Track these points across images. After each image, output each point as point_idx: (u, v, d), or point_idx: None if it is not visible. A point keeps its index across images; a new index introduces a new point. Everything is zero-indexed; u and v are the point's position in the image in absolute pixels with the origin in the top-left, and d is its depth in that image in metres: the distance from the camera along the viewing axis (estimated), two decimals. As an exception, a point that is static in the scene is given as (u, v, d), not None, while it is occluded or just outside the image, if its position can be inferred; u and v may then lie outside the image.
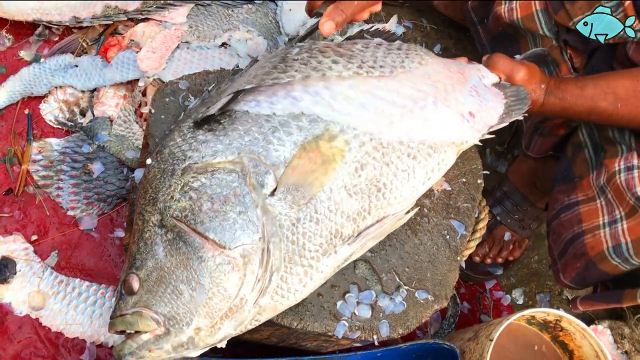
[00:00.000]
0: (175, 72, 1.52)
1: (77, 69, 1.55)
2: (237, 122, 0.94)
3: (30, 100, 1.55)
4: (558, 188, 1.24)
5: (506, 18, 1.32)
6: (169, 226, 0.88)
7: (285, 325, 1.02)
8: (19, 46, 1.62)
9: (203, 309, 0.85)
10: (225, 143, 0.92)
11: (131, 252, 0.91)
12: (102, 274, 1.41)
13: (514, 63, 1.13)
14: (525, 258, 1.67)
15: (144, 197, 0.94)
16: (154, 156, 0.98)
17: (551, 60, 1.30)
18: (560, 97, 1.12)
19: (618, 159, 1.10)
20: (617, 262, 1.09)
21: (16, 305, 1.33)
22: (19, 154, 1.48)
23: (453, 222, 1.15)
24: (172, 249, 0.87)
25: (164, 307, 0.86)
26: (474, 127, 1.05)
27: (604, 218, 1.12)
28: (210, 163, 0.91)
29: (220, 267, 0.85)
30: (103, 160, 1.48)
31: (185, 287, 0.86)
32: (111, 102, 1.53)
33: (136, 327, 0.85)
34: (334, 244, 0.92)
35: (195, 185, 0.89)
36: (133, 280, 0.88)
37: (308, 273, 0.91)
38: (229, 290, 0.86)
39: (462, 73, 1.11)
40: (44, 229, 1.43)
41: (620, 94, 1.09)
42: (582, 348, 1.28)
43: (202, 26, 1.64)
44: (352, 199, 0.93)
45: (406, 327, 1.05)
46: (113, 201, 1.47)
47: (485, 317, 1.56)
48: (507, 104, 1.10)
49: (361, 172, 0.94)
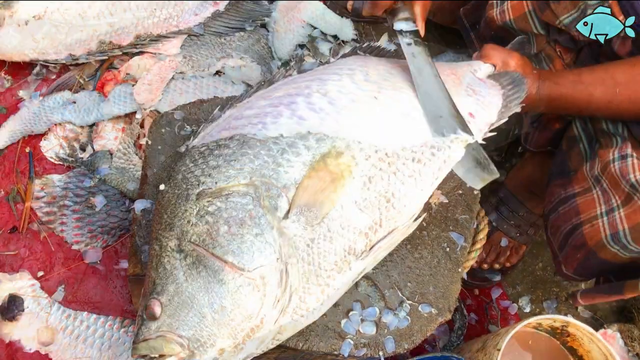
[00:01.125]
0: (171, 102, 1.55)
1: (75, 105, 1.58)
2: (245, 146, 0.96)
3: (30, 138, 1.58)
4: (554, 182, 1.24)
5: (499, 20, 1.33)
6: (187, 250, 0.90)
7: (292, 347, 1.02)
8: (18, 86, 1.65)
9: (226, 330, 0.87)
10: (236, 168, 0.94)
11: (151, 278, 0.93)
12: (109, 306, 1.42)
13: (506, 50, 1.19)
14: (530, 266, 1.67)
15: (159, 222, 0.96)
16: (168, 182, 1.00)
17: (545, 56, 1.32)
18: (555, 82, 1.14)
19: (612, 149, 1.11)
20: (616, 250, 1.09)
21: (25, 341, 1.33)
22: (22, 192, 1.50)
23: (452, 234, 1.16)
24: (192, 273, 0.89)
25: (187, 331, 0.87)
26: (475, 127, 1.07)
27: (601, 208, 1.12)
28: (224, 187, 0.93)
29: (241, 289, 0.87)
30: (105, 193, 1.49)
31: (207, 310, 0.87)
32: (110, 135, 1.56)
33: (160, 351, 0.86)
34: (347, 260, 0.94)
35: (211, 209, 0.91)
36: (155, 306, 0.89)
37: (325, 292, 0.93)
38: (250, 311, 0.87)
39: (455, 74, 1.13)
40: (50, 264, 1.44)
41: (619, 78, 1.09)
42: (591, 352, 1.27)
43: (196, 56, 1.67)
44: (363, 213, 0.95)
45: (412, 341, 1.06)
46: (116, 233, 1.48)
47: (493, 327, 1.56)
48: (505, 94, 1.12)
49: (370, 185, 0.96)
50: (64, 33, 1.60)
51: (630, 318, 1.59)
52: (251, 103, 1.08)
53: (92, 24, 1.61)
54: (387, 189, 0.97)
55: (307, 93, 1.04)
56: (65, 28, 1.59)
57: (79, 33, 1.60)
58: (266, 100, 1.06)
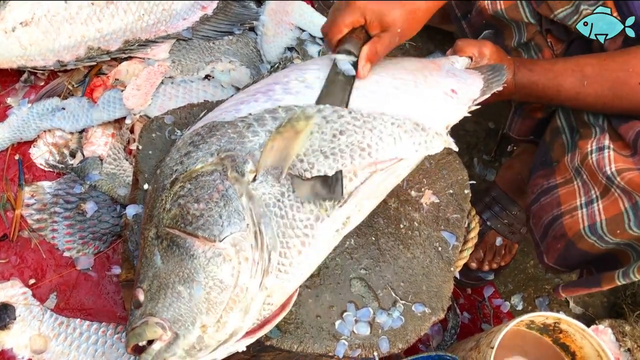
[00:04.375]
0: (161, 107, 1.55)
1: (65, 111, 1.57)
2: (214, 129, 0.97)
3: (20, 145, 1.57)
4: (537, 173, 1.25)
5: (490, 10, 1.34)
6: (163, 235, 0.90)
7: (286, 349, 1.02)
8: (6, 93, 1.64)
9: (204, 305, 0.86)
10: (204, 150, 0.95)
11: (137, 270, 0.93)
12: (102, 313, 1.41)
13: (479, 41, 1.21)
14: (522, 263, 1.68)
15: (143, 219, 0.97)
16: (151, 181, 1.01)
17: (534, 44, 1.33)
18: (530, 68, 1.17)
19: (591, 140, 1.12)
20: (593, 240, 1.10)
21: (18, 350, 1.32)
22: (11, 200, 1.49)
23: (444, 234, 1.17)
24: (168, 255, 0.89)
25: (167, 312, 0.86)
26: (459, 102, 1.07)
27: (581, 199, 1.13)
28: (193, 170, 0.93)
29: (212, 260, 0.87)
30: (96, 200, 1.49)
31: (183, 288, 0.87)
32: (100, 141, 1.55)
33: (145, 336, 0.86)
34: (324, 207, 0.93)
35: (183, 192, 0.92)
36: (139, 294, 0.89)
37: (305, 242, 0.92)
38: (225, 282, 0.86)
39: (434, 63, 1.15)
40: (42, 271, 1.43)
41: (587, 72, 1.12)
42: (584, 349, 1.29)
43: (185, 60, 1.67)
44: (329, 159, 0.93)
45: (406, 341, 1.06)
46: (108, 239, 1.48)
47: (486, 326, 1.57)
48: (486, 78, 1.13)
49: (340, 136, 0.95)
50: (52, 39, 1.59)
51: (621, 314, 1.60)
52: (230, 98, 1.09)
53: (80, 29, 1.60)
54: (361, 140, 0.95)
55: (285, 81, 1.04)
56: (53, 34, 1.59)
57: (67, 39, 1.60)
58: (244, 93, 1.07)
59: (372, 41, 1.03)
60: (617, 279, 1.07)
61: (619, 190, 1.05)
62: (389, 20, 1.01)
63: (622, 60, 1.10)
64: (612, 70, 1.10)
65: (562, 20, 1.21)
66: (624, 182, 1.03)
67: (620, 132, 1.09)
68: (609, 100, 1.11)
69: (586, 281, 1.17)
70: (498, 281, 1.64)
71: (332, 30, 1.04)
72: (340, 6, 1.03)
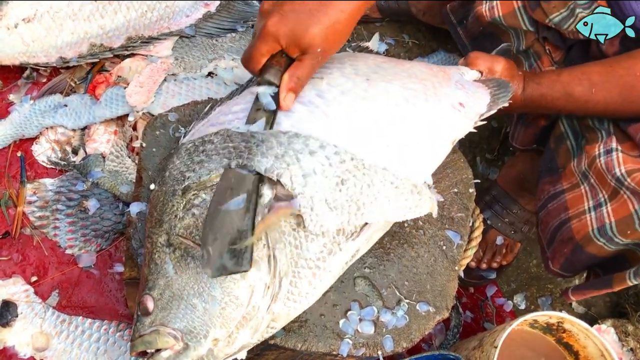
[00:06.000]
0: (164, 104, 1.54)
1: (67, 108, 1.57)
2: (228, 139, 0.96)
3: (22, 142, 1.57)
4: (543, 180, 1.25)
5: (487, 17, 1.34)
6: (175, 244, 0.90)
7: (290, 347, 1.02)
8: (8, 90, 1.63)
9: (218, 320, 0.86)
10: (217, 161, 0.94)
11: (144, 275, 0.92)
12: (104, 310, 1.41)
13: (492, 56, 1.19)
14: (524, 263, 1.68)
15: (150, 220, 0.96)
16: (157, 180, 1.00)
17: (533, 52, 1.33)
18: (537, 82, 1.16)
19: (598, 144, 1.12)
20: (602, 243, 1.10)
21: (20, 347, 1.32)
22: (13, 197, 1.48)
23: (448, 233, 1.16)
24: (181, 265, 0.88)
25: (179, 323, 0.86)
26: (466, 116, 1.07)
27: (589, 203, 1.13)
28: (207, 180, 0.92)
29: (229, 277, 0.86)
30: (98, 197, 1.49)
31: (198, 301, 0.86)
32: (102, 138, 1.55)
33: (155, 345, 0.85)
34: (337, 241, 0.93)
35: (197, 202, 0.91)
36: (147, 301, 0.89)
37: (316, 275, 0.91)
38: (240, 299, 0.86)
39: (444, 71, 1.14)
40: (44, 269, 1.43)
41: (594, 79, 1.11)
42: (587, 348, 1.28)
43: (188, 57, 1.66)
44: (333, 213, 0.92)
45: (410, 340, 1.06)
46: (110, 236, 1.47)
47: (489, 325, 1.57)
48: (492, 92, 1.13)
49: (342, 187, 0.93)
50: (54, 36, 1.59)
51: (624, 313, 1.60)
52: (240, 98, 1.08)
53: (83, 26, 1.60)
54: (358, 197, 0.93)
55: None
56: (56, 31, 1.58)
57: (70, 36, 1.59)
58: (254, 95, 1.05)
59: (292, 67, 0.95)
60: (628, 279, 1.06)
61: (629, 192, 1.05)
62: (306, 42, 0.92)
63: (628, 65, 1.10)
64: (620, 76, 1.09)
65: (557, 24, 1.20)
66: (634, 183, 1.03)
67: (630, 132, 1.09)
68: (619, 105, 1.11)
69: (597, 283, 1.16)
70: (501, 280, 1.64)
71: (250, 62, 0.96)
72: (255, 33, 0.97)
